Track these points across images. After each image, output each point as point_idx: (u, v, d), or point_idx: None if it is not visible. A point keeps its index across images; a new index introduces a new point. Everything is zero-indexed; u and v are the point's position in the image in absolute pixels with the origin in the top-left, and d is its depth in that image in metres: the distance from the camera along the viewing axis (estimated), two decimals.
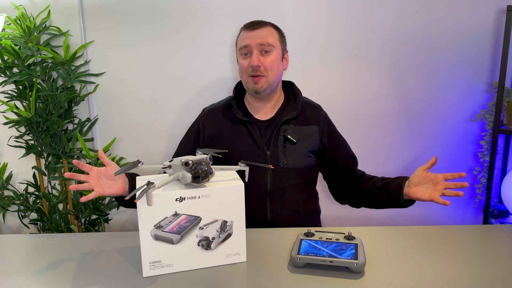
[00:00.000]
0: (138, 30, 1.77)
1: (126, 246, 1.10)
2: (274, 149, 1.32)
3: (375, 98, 1.82)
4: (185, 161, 0.93)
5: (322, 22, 1.76)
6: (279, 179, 1.32)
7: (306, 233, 1.05)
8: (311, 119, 1.37)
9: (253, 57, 1.28)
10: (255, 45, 1.28)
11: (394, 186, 1.27)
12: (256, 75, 1.29)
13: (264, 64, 1.28)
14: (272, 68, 1.30)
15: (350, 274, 0.94)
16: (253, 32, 1.29)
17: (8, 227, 1.98)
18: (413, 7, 1.74)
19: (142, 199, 0.89)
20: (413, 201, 1.28)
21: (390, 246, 1.08)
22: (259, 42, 1.28)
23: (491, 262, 0.99)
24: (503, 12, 1.72)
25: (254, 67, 1.27)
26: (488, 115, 1.78)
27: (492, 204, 1.85)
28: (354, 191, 1.40)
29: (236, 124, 1.36)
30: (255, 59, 1.27)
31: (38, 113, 1.69)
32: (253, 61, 1.27)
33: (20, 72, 1.66)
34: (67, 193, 1.78)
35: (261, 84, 1.29)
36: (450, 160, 1.88)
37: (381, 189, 1.31)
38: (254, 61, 1.27)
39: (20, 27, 1.64)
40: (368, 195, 1.35)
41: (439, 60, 1.79)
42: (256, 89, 1.30)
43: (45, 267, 1.00)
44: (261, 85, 1.29)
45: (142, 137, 1.87)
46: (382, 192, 1.31)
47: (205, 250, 0.97)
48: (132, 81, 1.82)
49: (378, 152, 1.88)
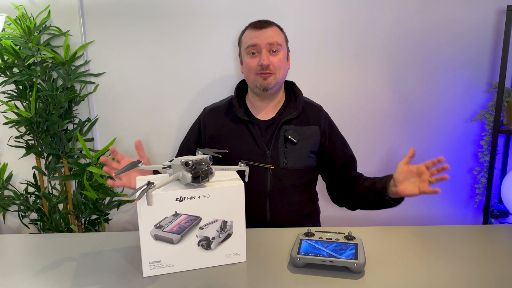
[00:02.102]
0: (138, 30, 1.77)
1: (126, 246, 1.10)
2: (275, 149, 1.32)
3: (375, 98, 1.82)
4: (185, 161, 0.93)
5: (322, 22, 1.76)
6: (279, 180, 1.32)
7: (306, 233, 1.05)
8: (312, 120, 1.37)
9: (263, 56, 1.28)
10: (265, 45, 1.29)
11: (381, 185, 1.25)
12: (265, 73, 1.29)
13: (273, 63, 1.30)
14: (280, 66, 1.31)
15: (350, 274, 0.94)
16: (261, 32, 1.30)
17: (8, 227, 1.98)
18: (413, 7, 1.74)
19: (142, 199, 0.89)
20: (402, 199, 1.24)
21: (390, 246, 1.08)
22: (269, 42, 1.29)
23: (491, 262, 0.99)
24: (503, 12, 1.72)
25: (264, 66, 1.28)
26: (488, 115, 1.78)
27: (492, 204, 1.85)
28: (349, 193, 1.39)
29: (237, 124, 1.36)
30: (265, 58, 1.28)
31: (38, 113, 1.69)
32: (263, 60, 1.28)
33: (20, 72, 1.66)
34: (67, 193, 1.78)
35: (270, 80, 1.30)
36: (450, 160, 1.88)
37: (370, 188, 1.30)
38: (265, 60, 1.28)
39: (20, 27, 1.64)
40: (360, 196, 1.34)
41: (439, 60, 1.79)
42: (265, 85, 1.30)
43: (45, 267, 1.00)
44: (270, 81, 1.30)
45: (142, 137, 1.87)
46: (371, 192, 1.29)
47: (205, 250, 0.97)
48: (132, 81, 1.82)
49: (378, 152, 1.88)
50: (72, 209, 1.80)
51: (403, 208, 1.92)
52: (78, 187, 1.80)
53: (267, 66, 1.28)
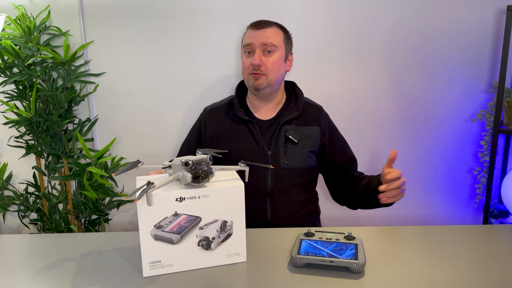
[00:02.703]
0: (138, 30, 1.77)
1: (126, 246, 1.10)
2: (275, 149, 1.32)
3: (375, 98, 1.82)
4: (185, 161, 0.93)
5: (322, 22, 1.76)
6: (279, 179, 1.32)
7: (306, 233, 1.05)
8: (313, 120, 1.37)
9: (255, 56, 1.29)
10: (259, 45, 1.29)
11: (375, 184, 1.24)
12: (257, 73, 1.29)
13: (265, 63, 1.29)
14: (273, 68, 1.30)
15: (350, 274, 0.94)
16: (257, 32, 1.30)
17: (8, 227, 1.98)
18: (413, 8, 1.74)
19: (142, 199, 0.89)
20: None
21: (390, 246, 1.08)
22: (263, 42, 1.29)
23: (491, 262, 0.99)
24: (503, 12, 1.72)
25: (255, 66, 1.28)
26: (488, 115, 1.78)
27: (492, 204, 1.85)
28: (349, 193, 1.39)
29: (237, 123, 1.36)
30: (257, 58, 1.28)
31: (38, 113, 1.69)
32: (254, 59, 1.28)
33: (20, 72, 1.66)
34: (67, 193, 1.78)
35: (261, 81, 1.30)
36: (450, 160, 1.88)
37: (365, 188, 1.29)
38: (256, 60, 1.28)
39: (20, 27, 1.64)
40: (358, 195, 1.33)
41: (439, 60, 1.79)
42: (255, 85, 1.31)
43: (45, 267, 1.00)
44: (260, 82, 1.30)
45: (142, 137, 1.87)
46: (366, 191, 1.29)
47: (205, 250, 0.97)
48: (132, 81, 1.82)
49: (378, 152, 1.88)
50: (72, 209, 1.80)
51: (403, 208, 1.92)
52: (78, 187, 1.80)
53: (258, 66, 1.28)
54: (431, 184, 1.91)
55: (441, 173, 1.90)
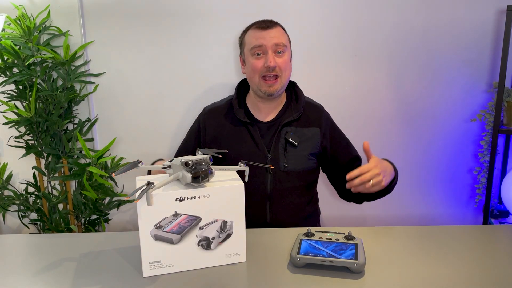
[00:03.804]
0: (138, 30, 1.77)
1: (126, 246, 1.10)
2: (275, 152, 1.32)
3: (375, 98, 1.82)
4: (185, 161, 0.93)
5: (322, 22, 1.76)
6: (279, 182, 1.31)
7: (306, 233, 1.05)
8: (313, 121, 1.36)
9: (269, 57, 1.26)
10: (271, 46, 1.26)
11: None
12: (271, 76, 1.27)
13: (279, 64, 1.27)
14: (286, 68, 1.29)
15: (350, 274, 0.94)
16: (266, 32, 1.27)
17: (8, 227, 1.98)
18: (413, 7, 1.74)
19: (142, 199, 0.89)
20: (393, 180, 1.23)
21: (390, 246, 1.08)
22: (275, 42, 1.26)
23: (491, 262, 0.99)
24: (503, 12, 1.72)
25: (271, 68, 1.25)
26: (488, 115, 1.78)
27: (492, 204, 1.85)
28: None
29: (237, 125, 1.35)
30: (272, 59, 1.25)
31: (38, 113, 1.69)
32: (269, 61, 1.25)
33: (20, 72, 1.66)
34: (67, 193, 1.78)
35: (275, 87, 1.28)
36: (450, 160, 1.88)
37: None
38: (271, 61, 1.25)
39: (20, 27, 1.64)
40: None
41: (439, 60, 1.79)
42: (270, 91, 1.28)
43: (45, 267, 1.00)
44: (275, 88, 1.28)
45: (142, 137, 1.87)
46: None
47: (205, 250, 0.97)
48: (132, 81, 1.82)
49: (378, 152, 1.87)
50: (72, 209, 1.80)
51: (403, 208, 1.92)
52: (78, 187, 1.80)
53: (273, 68, 1.26)
54: (431, 184, 1.91)
55: (441, 173, 1.90)
